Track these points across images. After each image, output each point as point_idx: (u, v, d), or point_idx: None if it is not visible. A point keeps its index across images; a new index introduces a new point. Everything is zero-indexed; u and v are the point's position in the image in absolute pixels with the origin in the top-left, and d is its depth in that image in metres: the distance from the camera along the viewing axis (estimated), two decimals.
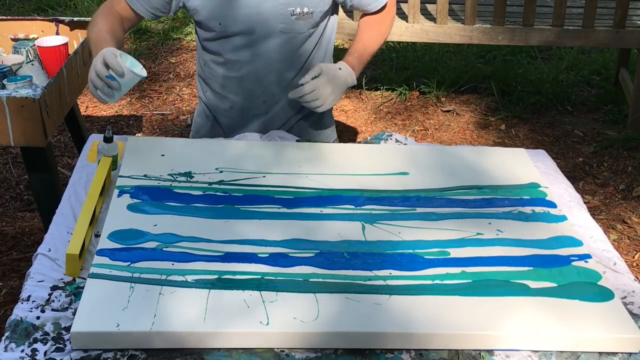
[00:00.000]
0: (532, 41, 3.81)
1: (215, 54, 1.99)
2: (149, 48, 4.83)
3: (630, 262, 2.90)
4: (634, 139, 3.78)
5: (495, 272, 1.45)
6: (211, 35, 1.95)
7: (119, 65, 1.64)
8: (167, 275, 1.37)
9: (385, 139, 2.01)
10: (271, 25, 1.90)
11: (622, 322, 1.35)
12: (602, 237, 1.65)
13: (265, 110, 2.04)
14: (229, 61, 1.98)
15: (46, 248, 1.48)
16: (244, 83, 2.00)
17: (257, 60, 1.96)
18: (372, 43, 2.01)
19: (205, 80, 2.07)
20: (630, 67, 4.23)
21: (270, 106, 2.03)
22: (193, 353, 1.25)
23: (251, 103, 2.02)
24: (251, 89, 2.00)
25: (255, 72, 1.97)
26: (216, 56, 1.99)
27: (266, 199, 1.63)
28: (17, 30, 2.74)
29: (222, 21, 1.90)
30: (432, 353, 1.29)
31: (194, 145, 1.85)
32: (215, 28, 1.92)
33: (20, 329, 1.28)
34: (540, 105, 4.18)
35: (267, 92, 2.01)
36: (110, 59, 1.66)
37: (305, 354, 1.27)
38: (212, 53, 1.99)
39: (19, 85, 2.31)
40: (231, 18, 1.90)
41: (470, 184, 1.75)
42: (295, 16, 1.89)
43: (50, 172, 2.37)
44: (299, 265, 1.43)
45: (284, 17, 1.89)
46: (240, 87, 2.01)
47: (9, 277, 2.68)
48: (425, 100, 4.24)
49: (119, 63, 1.65)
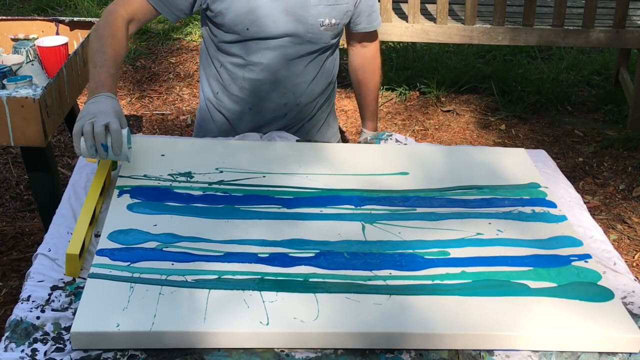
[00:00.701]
0: (532, 41, 3.81)
1: (235, 56, 1.98)
2: (149, 48, 4.83)
3: (630, 262, 2.90)
4: (634, 139, 3.78)
5: (495, 272, 1.45)
6: (233, 38, 1.94)
7: (121, 147, 1.56)
8: (167, 275, 1.37)
9: (385, 139, 2.01)
10: (300, 34, 1.93)
11: (622, 322, 1.35)
12: (602, 237, 1.65)
13: (285, 113, 2.06)
14: (251, 63, 1.97)
15: (46, 248, 1.48)
16: (265, 86, 2.00)
17: (280, 64, 1.97)
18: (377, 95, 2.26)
19: (221, 82, 2.05)
20: (630, 67, 4.24)
21: (290, 109, 2.06)
22: (193, 353, 1.25)
23: (271, 105, 2.04)
24: (271, 92, 2.02)
25: (277, 74, 1.98)
26: (237, 58, 1.98)
27: (266, 199, 1.63)
28: (17, 30, 2.74)
29: (250, 27, 1.90)
30: (432, 353, 1.29)
31: (194, 145, 1.85)
32: (240, 32, 1.91)
33: (20, 329, 1.28)
34: (540, 105, 4.18)
35: (289, 95, 2.03)
36: (116, 138, 1.55)
37: (305, 354, 1.27)
38: (232, 55, 1.98)
39: (19, 85, 2.31)
40: (260, 24, 1.89)
41: (470, 184, 1.75)
42: (324, 27, 1.95)
43: (50, 172, 2.37)
44: (299, 265, 1.43)
45: (314, 28, 1.93)
46: (260, 89, 2.01)
47: (9, 277, 2.68)
48: (425, 100, 4.24)
49: (123, 145, 1.57)
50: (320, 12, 1.92)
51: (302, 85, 2.03)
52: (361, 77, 2.22)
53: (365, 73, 2.21)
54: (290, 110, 2.06)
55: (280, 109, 2.05)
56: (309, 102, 2.08)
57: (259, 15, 1.88)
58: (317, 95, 2.09)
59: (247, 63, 1.97)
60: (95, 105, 1.61)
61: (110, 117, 1.57)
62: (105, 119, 1.56)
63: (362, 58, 2.20)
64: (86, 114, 1.58)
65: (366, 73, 2.21)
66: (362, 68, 2.21)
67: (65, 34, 2.72)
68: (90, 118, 1.56)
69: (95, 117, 1.57)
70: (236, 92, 2.03)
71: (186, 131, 3.81)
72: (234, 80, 2.02)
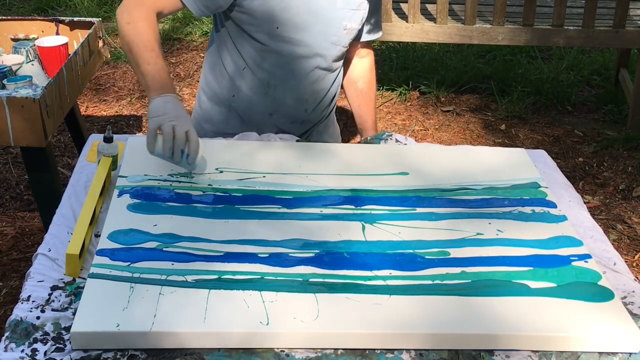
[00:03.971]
0: (532, 41, 3.82)
1: (262, 51, 1.94)
2: None
3: (630, 262, 2.90)
4: (634, 139, 3.78)
5: (495, 272, 1.45)
6: (261, 38, 1.91)
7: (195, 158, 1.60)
8: (167, 275, 1.37)
9: (385, 139, 2.01)
10: (325, 36, 1.94)
11: (622, 322, 1.35)
12: (602, 237, 1.65)
13: (305, 109, 2.06)
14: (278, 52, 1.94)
15: (46, 248, 1.48)
16: (289, 83, 1.99)
17: (302, 57, 1.97)
18: (375, 105, 2.28)
19: (243, 79, 2.00)
20: (630, 67, 4.24)
21: (308, 109, 2.06)
22: (193, 353, 1.25)
23: (295, 103, 2.03)
24: (295, 87, 2.00)
25: (299, 65, 1.98)
26: (263, 53, 1.94)
27: (266, 199, 1.63)
28: (17, 30, 2.74)
29: (280, 26, 1.89)
30: (432, 353, 1.29)
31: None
32: (269, 30, 1.89)
33: (20, 329, 1.28)
34: (540, 105, 4.18)
35: (308, 91, 2.02)
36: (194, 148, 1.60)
37: (305, 354, 1.27)
38: (260, 50, 1.94)
39: (19, 85, 2.31)
40: (290, 25, 1.88)
41: (470, 184, 1.75)
42: (346, 30, 1.96)
43: (50, 172, 2.37)
44: (299, 265, 1.43)
45: (338, 30, 1.95)
46: (286, 85, 1.99)
47: (9, 277, 2.68)
48: (425, 100, 4.24)
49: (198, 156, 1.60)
50: (344, 16, 1.93)
51: (315, 77, 2.02)
52: (361, 88, 2.22)
53: (365, 83, 2.22)
54: (309, 111, 2.06)
55: (300, 111, 2.05)
56: (321, 100, 2.08)
57: (291, 14, 1.87)
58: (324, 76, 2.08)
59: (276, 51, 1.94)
60: (170, 105, 1.62)
61: (189, 124, 1.61)
62: (187, 126, 1.59)
63: (361, 68, 2.20)
64: (163, 114, 1.58)
65: (365, 83, 2.22)
66: (361, 79, 2.21)
67: (65, 34, 2.72)
68: (170, 120, 1.57)
69: (175, 121, 1.59)
70: (258, 87, 2.00)
71: None
72: (263, 70, 1.97)
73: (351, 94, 2.25)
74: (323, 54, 1.97)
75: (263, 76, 1.98)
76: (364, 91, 2.22)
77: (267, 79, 1.98)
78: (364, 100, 2.23)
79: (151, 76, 1.69)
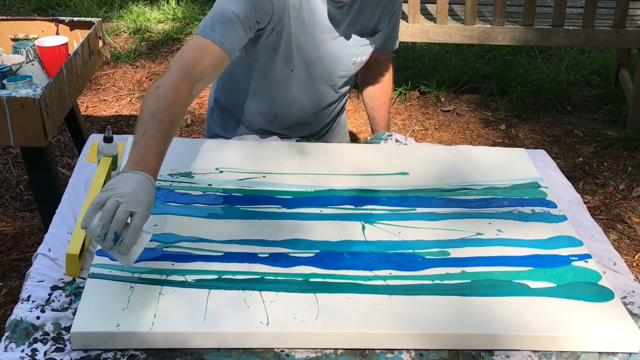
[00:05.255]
0: (532, 41, 3.81)
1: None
2: (149, 48, 4.83)
3: (630, 262, 2.90)
4: (634, 139, 3.78)
5: (495, 272, 1.45)
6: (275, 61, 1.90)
7: (129, 248, 1.30)
8: (167, 275, 1.37)
9: (385, 139, 2.01)
10: (334, 71, 1.94)
11: (622, 322, 1.35)
12: (602, 237, 1.65)
13: (310, 123, 2.06)
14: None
15: (46, 248, 1.48)
16: (295, 111, 1.99)
17: (310, 87, 1.97)
18: (389, 107, 2.29)
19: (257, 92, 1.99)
20: (630, 67, 4.23)
21: (314, 124, 2.07)
22: (193, 353, 1.25)
23: (300, 115, 2.03)
24: (301, 109, 2.01)
25: (306, 95, 1.98)
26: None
27: (266, 199, 1.63)
28: (17, 30, 2.74)
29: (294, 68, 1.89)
30: (432, 353, 1.29)
31: (194, 145, 1.85)
32: (285, 57, 1.87)
33: (20, 329, 1.28)
34: (540, 105, 4.18)
35: (314, 111, 2.03)
36: (131, 236, 1.30)
37: (305, 354, 1.27)
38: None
39: (19, 85, 2.31)
40: (303, 58, 1.87)
41: (470, 184, 1.75)
42: (355, 65, 1.96)
43: (50, 172, 2.37)
44: (299, 265, 1.43)
45: (347, 66, 1.94)
46: (292, 112, 2.00)
47: (9, 277, 2.68)
48: (425, 100, 4.24)
49: (133, 250, 1.31)
50: (354, 52, 1.93)
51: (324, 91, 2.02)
52: (375, 90, 2.21)
53: (381, 88, 2.21)
54: (318, 119, 2.07)
55: (309, 116, 2.05)
56: (329, 108, 2.08)
57: (308, 49, 1.86)
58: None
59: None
60: (132, 182, 1.32)
61: (142, 209, 1.30)
62: (136, 209, 1.29)
63: (377, 72, 2.19)
64: (115, 188, 1.30)
65: (381, 87, 2.21)
66: (376, 81, 2.20)
67: (65, 34, 2.72)
68: (119, 196, 1.29)
69: (124, 198, 1.29)
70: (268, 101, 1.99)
71: (186, 131, 3.81)
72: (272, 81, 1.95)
73: (365, 96, 2.24)
74: (331, 83, 1.97)
75: (270, 111, 1.99)
76: (378, 94, 2.22)
77: (274, 112, 1.99)
78: (378, 103, 2.23)
79: (137, 148, 1.40)
